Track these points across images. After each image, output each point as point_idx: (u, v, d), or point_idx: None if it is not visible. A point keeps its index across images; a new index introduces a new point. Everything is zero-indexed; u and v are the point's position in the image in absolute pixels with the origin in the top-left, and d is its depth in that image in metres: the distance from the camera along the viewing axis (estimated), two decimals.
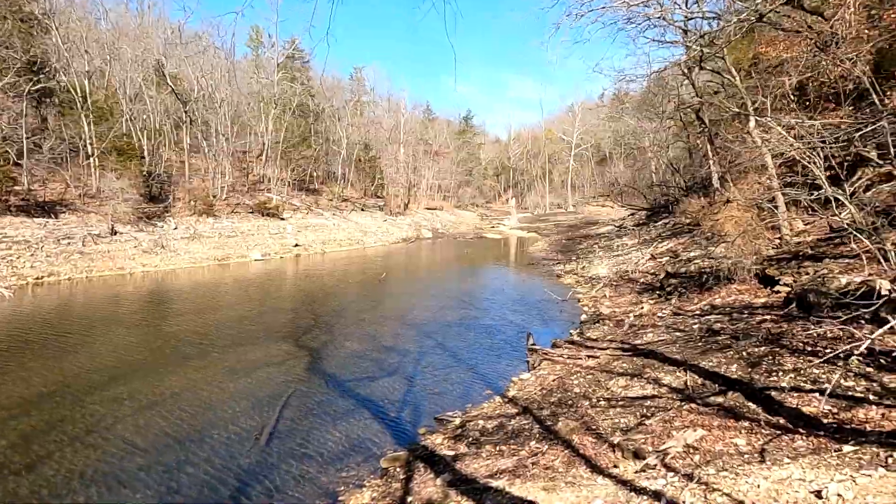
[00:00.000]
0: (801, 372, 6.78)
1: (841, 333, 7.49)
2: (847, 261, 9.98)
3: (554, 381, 10.65)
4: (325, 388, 11.60)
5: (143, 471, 8.10)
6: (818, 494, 3.61)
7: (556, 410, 8.72)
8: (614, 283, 20.87)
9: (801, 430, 5.37)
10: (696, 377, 7.96)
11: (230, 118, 48.03)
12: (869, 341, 4.29)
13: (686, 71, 26.78)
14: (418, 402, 10.83)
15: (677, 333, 11.19)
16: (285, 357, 13.69)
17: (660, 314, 13.98)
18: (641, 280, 19.81)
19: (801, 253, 12.12)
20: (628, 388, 8.62)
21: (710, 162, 25.14)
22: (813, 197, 7.28)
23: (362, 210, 54.62)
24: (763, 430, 5.60)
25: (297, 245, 38.98)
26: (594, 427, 7.36)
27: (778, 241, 14.63)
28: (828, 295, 8.68)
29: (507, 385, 11.48)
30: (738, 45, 25.30)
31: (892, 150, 14.40)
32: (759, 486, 3.98)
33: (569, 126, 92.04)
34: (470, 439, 8.52)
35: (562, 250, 36.89)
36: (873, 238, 5.87)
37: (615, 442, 6.65)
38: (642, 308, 15.57)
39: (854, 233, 5.95)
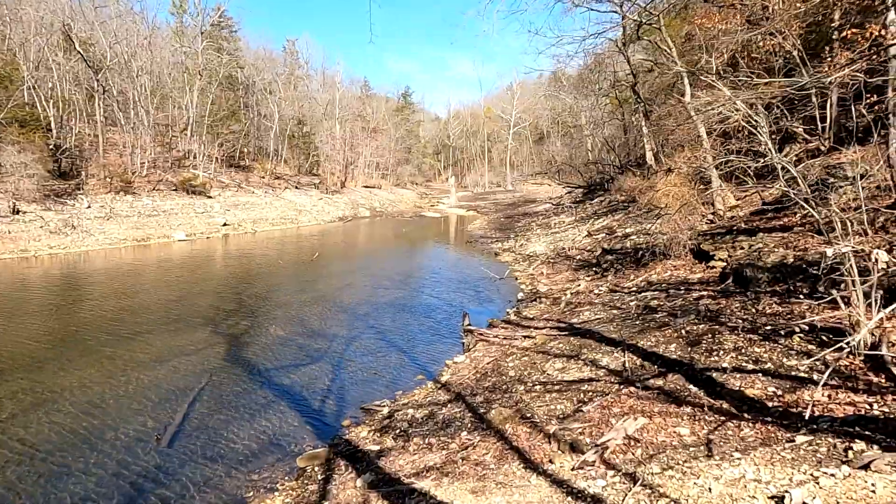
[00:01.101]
0: (743, 351, 6.45)
1: (780, 309, 7.24)
2: (781, 234, 9.88)
3: (489, 363, 10.11)
4: (243, 378, 10.63)
5: (21, 481, 6.99)
6: (780, 501, 3.14)
7: (490, 396, 8.15)
8: (551, 261, 20.63)
9: (746, 416, 4.97)
10: (635, 358, 7.55)
11: (150, 89, 44.78)
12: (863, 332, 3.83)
13: (621, 46, 26.75)
14: (345, 391, 10.05)
15: (614, 311, 10.85)
16: (202, 345, 12.57)
17: (596, 291, 13.70)
18: (578, 257, 19.64)
19: (734, 227, 12.03)
20: (565, 370, 8.15)
21: (645, 139, 25.26)
22: (759, 164, 6.91)
23: (296, 188, 52.54)
24: (707, 417, 5.17)
25: (225, 224, 36.95)
26: (529, 415, 6.83)
27: (711, 215, 14.61)
28: (764, 269, 8.48)
29: (440, 369, 10.87)
30: (671, 23, 25.42)
31: (819, 125, 14.64)
32: (710, 490, 3.48)
33: (507, 104, 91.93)
34: (398, 431, 7.85)
35: (500, 228, 36.64)
36: (819, 208, 5.54)
37: (551, 431, 6.12)
38: (579, 285, 15.30)
39: (801, 203, 5.59)
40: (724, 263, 10.48)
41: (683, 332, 7.77)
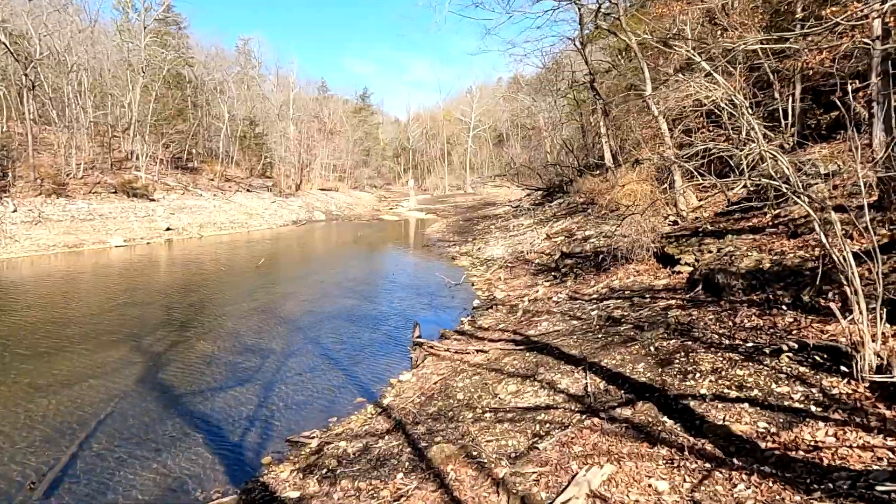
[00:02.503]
0: (723, 374, 5.50)
1: (761, 322, 6.36)
2: (752, 237, 9.10)
3: (436, 383, 9.00)
4: (155, 404, 9.24)
5: None
6: None
7: (434, 426, 7.03)
8: (509, 265, 19.70)
9: (737, 463, 4.00)
10: (598, 380, 6.54)
11: (89, 86, 42.18)
12: None
13: (578, 46, 26.23)
14: (272, 418, 8.77)
15: (574, 322, 9.87)
16: (117, 364, 11.09)
17: (555, 298, 12.76)
18: (537, 261, 18.75)
19: (699, 229, 11.25)
20: (519, 394, 7.09)
21: (603, 139, 24.67)
22: (743, 153, 6.02)
23: (248, 191, 50.45)
24: (689, 464, 4.18)
25: (168, 229, 34.89)
26: (475, 453, 5.74)
27: (674, 217, 13.89)
28: (738, 275, 7.63)
29: (383, 389, 9.70)
30: (629, 21, 24.97)
31: (782, 122, 14.12)
32: None
33: (467, 107, 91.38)
34: (324, 471, 6.63)
35: (459, 231, 35.68)
36: (815, 204, 4.66)
37: (500, 476, 5.05)
38: (537, 291, 14.36)
39: (796, 199, 4.69)
40: (692, 268, 9.66)
41: (652, 348, 6.82)
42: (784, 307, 6.40)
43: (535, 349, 8.78)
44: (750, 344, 5.92)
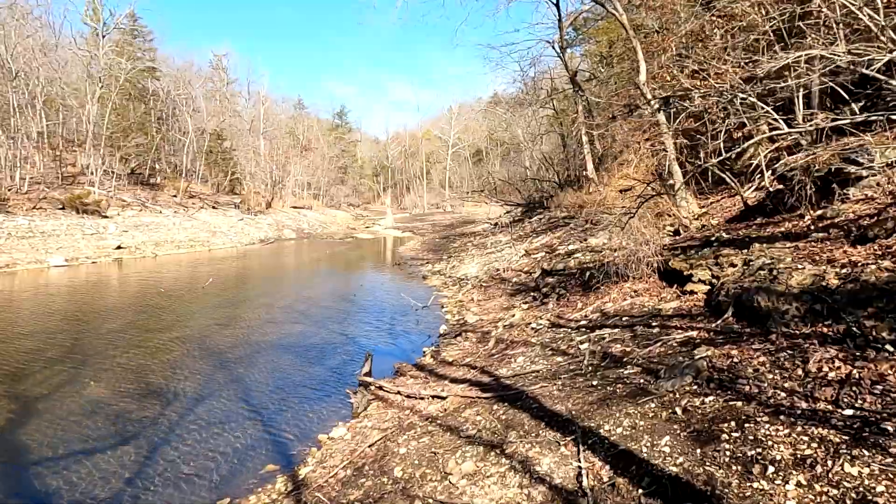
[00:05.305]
0: (818, 469, 3.18)
1: (854, 371, 4.08)
2: (793, 244, 6.87)
3: (373, 445, 6.59)
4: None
5: None
6: None
7: None
8: (484, 285, 17.42)
9: None
10: (598, 462, 4.19)
11: (42, 96, 39.48)
12: None
13: (558, 50, 24.53)
14: (145, 498, 6.28)
15: (558, 359, 7.51)
16: None
17: (534, 325, 10.42)
18: (514, 279, 16.50)
19: (712, 238, 9.02)
20: (478, 478, 4.70)
21: (585, 148, 22.75)
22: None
23: (213, 208, 47.78)
24: None
25: (119, 248, 32.11)
26: None
27: (673, 226, 11.72)
28: (789, 296, 5.38)
29: (306, 452, 7.26)
30: (611, 25, 23.32)
31: (799, 113, 12.12)
32: None
33: (446, 125, 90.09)
34: None
35: (434, 249, 33.52)
36: None
37: None
38: (513, 315, 12.07)
39: None
40: (709, 287, 7.45)
41: (678, 409, 4.48)
42: (887, 346, 4.16)
43: (507, 399, 6.41)
44: (848, 411, 3.64)
